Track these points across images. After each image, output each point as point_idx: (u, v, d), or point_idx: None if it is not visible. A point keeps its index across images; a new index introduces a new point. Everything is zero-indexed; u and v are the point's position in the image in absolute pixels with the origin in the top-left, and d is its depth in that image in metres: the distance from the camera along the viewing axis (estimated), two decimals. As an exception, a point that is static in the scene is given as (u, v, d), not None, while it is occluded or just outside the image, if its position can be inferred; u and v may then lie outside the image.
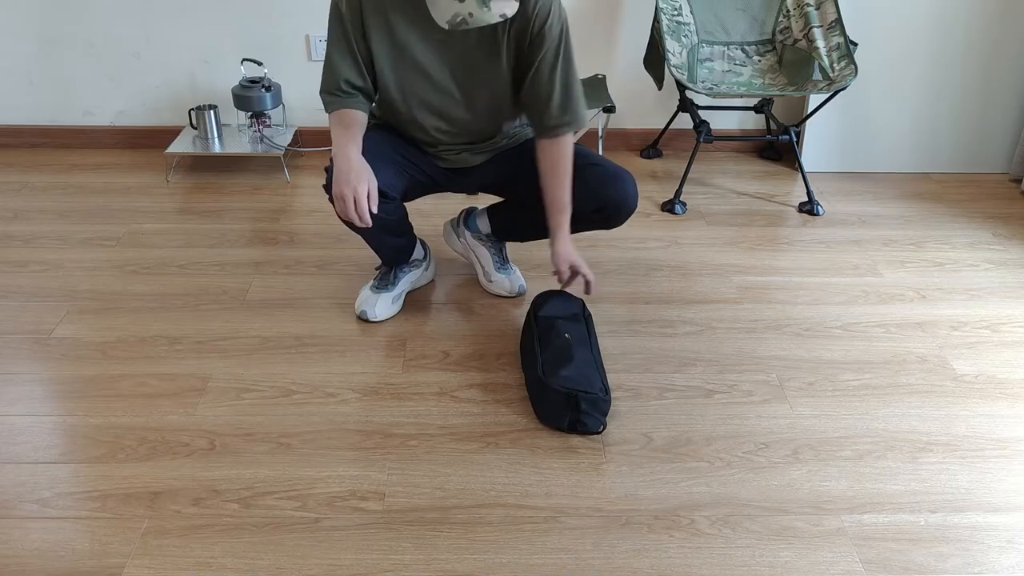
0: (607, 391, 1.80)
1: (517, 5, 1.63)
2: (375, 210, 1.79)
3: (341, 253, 2.47)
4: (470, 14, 1.59)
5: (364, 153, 1.85)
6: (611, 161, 1.99)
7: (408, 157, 1.98)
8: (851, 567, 1.47)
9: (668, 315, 2.20)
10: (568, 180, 1.90)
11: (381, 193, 1.86)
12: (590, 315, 2.02)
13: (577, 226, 2.01)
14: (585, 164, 1.95)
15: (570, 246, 1.95)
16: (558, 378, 1.77)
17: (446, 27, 1.63)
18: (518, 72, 1.86)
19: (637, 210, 2.76)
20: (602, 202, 1.95)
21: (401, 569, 1.46)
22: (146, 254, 2.45)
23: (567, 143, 1.88)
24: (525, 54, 1.82)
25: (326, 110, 1.88)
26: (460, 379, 1.94)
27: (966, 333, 2.14)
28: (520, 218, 2.15)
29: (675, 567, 1.47)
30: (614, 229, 2.50)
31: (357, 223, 1.78)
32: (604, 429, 1.78)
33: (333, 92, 1.86)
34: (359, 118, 1.87)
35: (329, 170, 1.86)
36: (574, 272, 1.96)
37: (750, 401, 1.88)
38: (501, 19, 1.61)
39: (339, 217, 1.87)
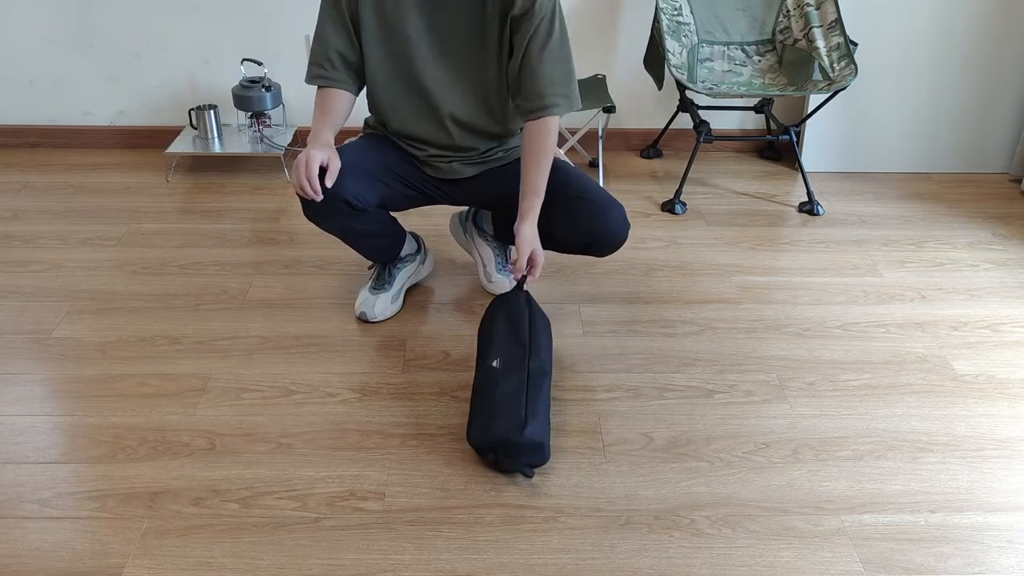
0: (522, 426, 1.61)
1: None
2: (329, 185, 1.78)
3: (341, 253, 2.47)
4: None
5: (341, 160, 1.84)
6: (602, 190, 1.94)
7: (393, 168, 1.96)
8: (851, 567, 1.47)
9: (668, 315, 2.20)
10: (546, 166, 1.83)
11: (349, 204, 1.85)
12: (531, 309, 1.84)
13: (565, 252, 2.02)
14: (572, 196, 1.91)
15: (534, 231, 1.85)
16: (475, 436, 1.66)
17: None
18: (509, 53, 1.83)
19: (637, 210, 2.76)
20: (589, 238, 1.93)
21: (401, 569, 1.46)
22: (146, 254, 2.45)
23: (549, 127, 1.82)
24: (514, 32, 1.79)
25: (310, 81, 1.87)
26: (460, 379, 1.94)
27: (966, 333, 2.14)
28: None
29: (675, 567, 1.47)
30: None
31: (308, 192, 1.77)
32: (532, 473, 1.64)
33: (321, 64, 1.86)
34: (341, 104, 1.87)
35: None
36: (530, 265, 1.86)
37: (750, 401, 1.88)
38: None
39: (299, 196, 1.87)
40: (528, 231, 1.85)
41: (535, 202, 1.85)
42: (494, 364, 1.74)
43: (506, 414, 1.63)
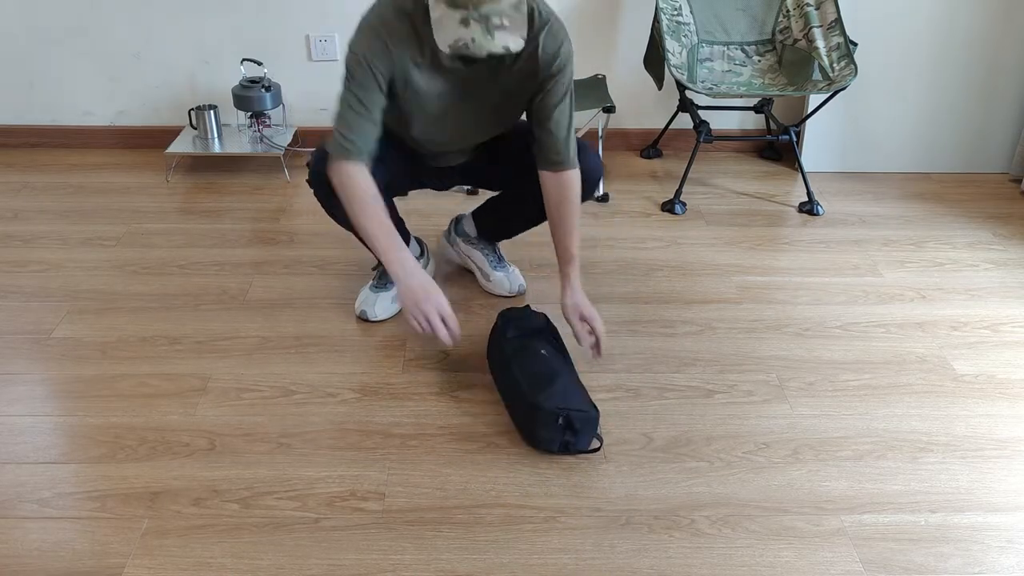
0: (595, 406, 1.73)
1: (523, 43, 1.58)
2: (453, 328, 1.73)
3: (341, 253, 2.47)
4: (472, 39, 1.54)
5: None
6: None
7: (393, 150, 1.96)
8: (851, 567, 1.47)
9: (668, 315, 2.20)
10: (575, 224, 1.87)
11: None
12: (555, 328, 1.96)
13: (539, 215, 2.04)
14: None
15: (581, 296, 1.89)
16: (548, 399, 1.69)
17: (447, 51, 1.57)
18: (526, 106, 1.86)
19: (637, 210, 2.76)
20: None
21: (401, 569, 1.46)
22: (146, 254, 2.45)
23: (574, 180, 1.85)
24: (539, 90, 1.80)
25: (340, 156, 1.73)
26: (460, 379, 1.94)
27: (966, 333, 2.14)
28: (501, 212, 2.18)
29: (675, 567, 1.47)
30: (607, 228, 2.50)
31: (446, 337, 1.72)
32: (601, 446, 1.73)
33: (356, 148, 1.73)
34: (377, 194, 1.75)
35: (313, 165, 1.87)
36: (586, 325, 1.88)
37: (750, 401, 1.88)
38: (503, 51, 1.56)
39: (328, 211, 1.90)
40: (571, 299, 1.89)
41: (571, 268, 1.90)
42: (543, 352, 1.81)
43: (578, 392, 1.76)
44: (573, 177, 1.86)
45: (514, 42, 1.57)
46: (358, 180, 1.73)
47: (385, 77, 1.72)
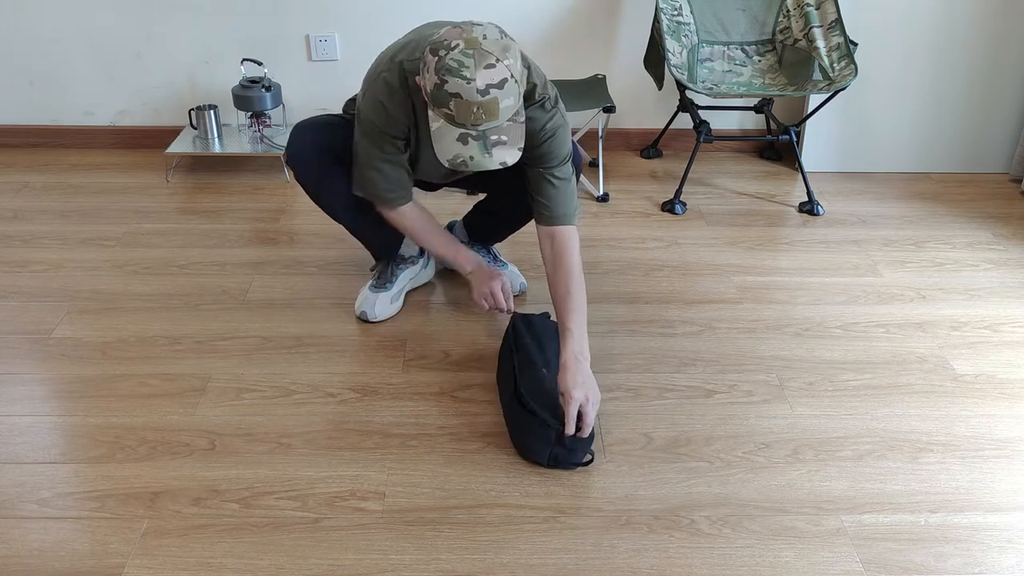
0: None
1: (519, 155, 1.58)
2: (512, 304, 1.98)
3: (341, 253, 2.47)
4: (471, 157, 1.55)
5: (341, 127, 1.90)
6: None
7: None
8: (851, 567, 1.48)
9: (668, 315, 2.20)
10: (573, 292, 1.76)
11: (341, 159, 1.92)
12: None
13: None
14: None
15: (571, 378, 1.65)
16: (544, 410, 1.67)
17: (447, 165, 1.59)
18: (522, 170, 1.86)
19: (637, 210, 2.76)
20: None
21: (401, 569, 1.46)
22: (146, 254, 2.45)
23: (568, 237, 1.80)
24: (528, 160, 1.79)
25: (397, 203, 1.89)
26: (460, 379, 1.94)
27: (966, 333, 2.14)
28: (489, 217, 2.19)
29: (675, 567, 1.47)
30: (607, 228, 2.50)
31: (504, 304, 1.97)
32: (592, 460, 1.70)
33: (401, 191, 1.88)
34: (429, 214, 1.97)
35: (291, 148, 1.89)
36: (579, 409, 1.65)
37: (750, 401, 1.88)
38: (500, 166, 1.56)
39: (300, 182, 1.94)
40: (560, 383, 1.67)
41: (566, 349, 1.70)
42: (545, 371, 1.78)
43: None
44: (567, 234, 1.79)
45: (511, 156, 1.57)
46: (413, 214, 1.93)
47: (402, 138, 1.80)
